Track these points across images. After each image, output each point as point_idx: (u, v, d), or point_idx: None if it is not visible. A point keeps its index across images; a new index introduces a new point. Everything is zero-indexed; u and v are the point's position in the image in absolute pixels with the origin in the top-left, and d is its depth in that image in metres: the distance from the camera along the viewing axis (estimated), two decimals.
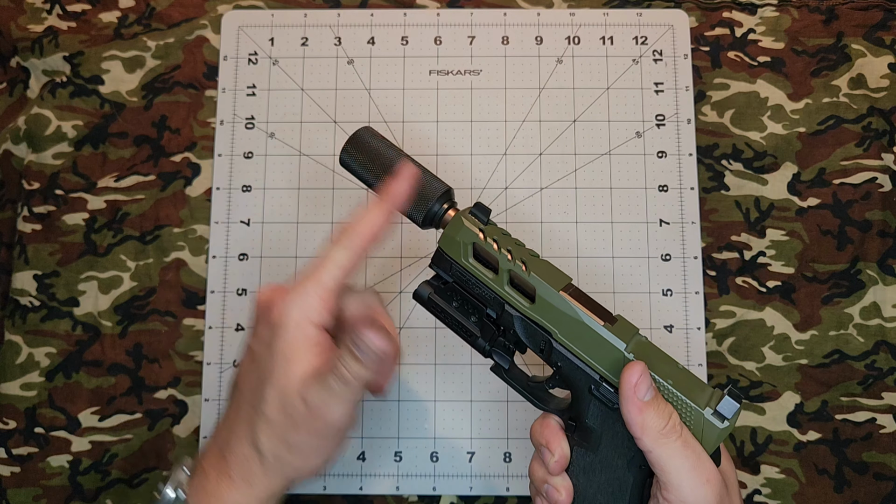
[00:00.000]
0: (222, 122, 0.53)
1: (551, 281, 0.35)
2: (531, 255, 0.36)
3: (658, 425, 0.33)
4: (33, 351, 0.50)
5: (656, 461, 0.33)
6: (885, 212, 0.51)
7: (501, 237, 0.36)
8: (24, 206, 0.52)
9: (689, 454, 0.33)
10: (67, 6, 0.55)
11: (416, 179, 0.37)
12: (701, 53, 0.54)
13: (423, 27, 0.54)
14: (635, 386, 0.33)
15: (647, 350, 0.35)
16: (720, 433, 0.34)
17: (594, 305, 0.35)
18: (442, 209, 0.37)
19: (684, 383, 0.34)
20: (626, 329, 0.35)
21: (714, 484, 0.33)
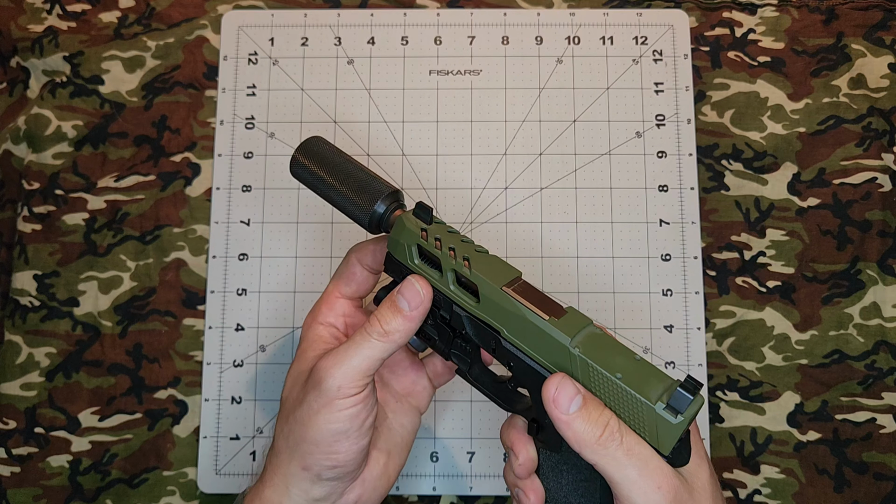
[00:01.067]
0: (222, 122, 0.53)
1: (494, 277, 0.34)
2: (477, 252, 0.35)
3: (592, 435, 0.31)
4: (33, 351, 0.50)
5: (603, 471, 0.32)
6: (885, 212, 0.51)
7: (446, 235, 0.35)
8: (24, 206, 0.52)
9: (634, 461, 0.31)
10: (67, 6, 0.55)
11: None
12: (701, 53, 0.54)
13: (423, 27, 0.54)
14: (553, 401, 0.32)
15: (598, 342, 0.33)
16: (674, 429, 0.31)
17: (541, 299, 0.34)
18: (388, 211, 0.37)
19: (636, 376, 0.32)
20: (573, 322, 0.33)
21: (667, 489, 0.31)
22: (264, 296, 0.51)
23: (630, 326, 0.50)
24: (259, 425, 0.49)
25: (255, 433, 0.49)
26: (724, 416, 0.49)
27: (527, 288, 0.34)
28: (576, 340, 0.33)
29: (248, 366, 0.50)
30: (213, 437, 0.49)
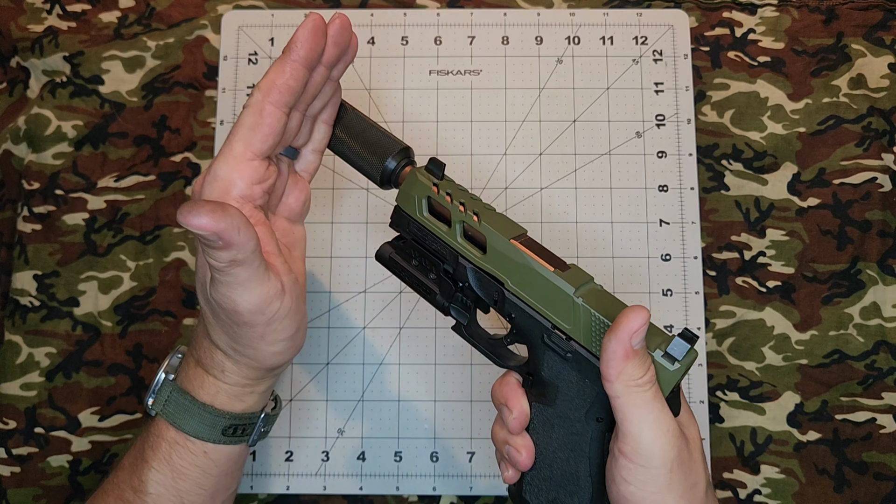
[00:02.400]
0: (222, 122, 0.53)
1: (503, 230, 0.35)
2: (486, 208, 0.36)
3: (636, 374, 0.32)
4: (33, 351, 0.50)
5: (621, 408, 0.32)
6: (885, 212, 0.51)
7: (456, 191, 0.36)
8: (24, 206, 0.52)
9: (656, 406, 0.32)
10: (67, 6, 0.55)
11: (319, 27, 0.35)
12: (701, 53, 0.54)
13: (423, 27, 0.54)
14: (635, 332, 0.32)
15: (599, 296, 0.34)
16: (671, 376, 0.32)
17: (546, 254, 0.35)
18: (399, 166, 0.38)
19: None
20: (577, 276, 0.34)
21: (672, 436, 0.32)
22: None
23: None
24: None
25: None
26: (724, 416, 0.49)
27: (533, 243, 0.36)
28: (579, 291, 0.34)
29: None
30: None
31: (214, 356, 0.36)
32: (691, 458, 0.34)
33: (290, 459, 0.49)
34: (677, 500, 0.33)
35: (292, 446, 0.49)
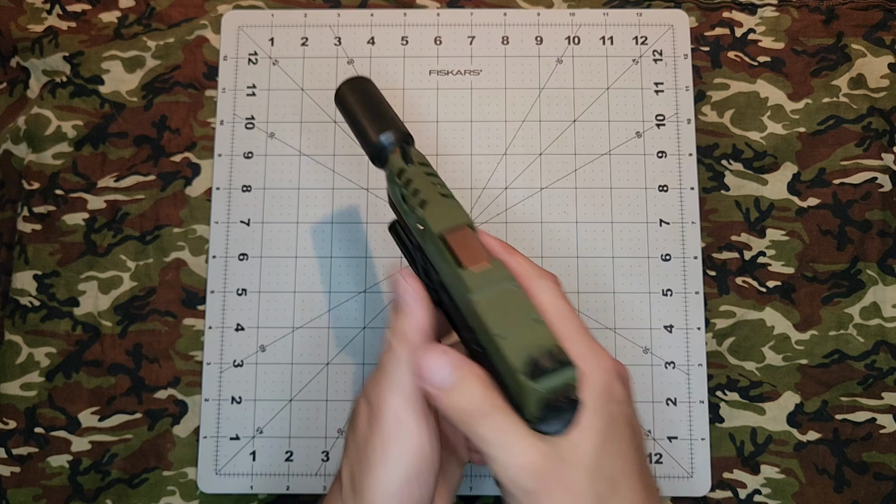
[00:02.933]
0: (222, 122, 0.53)
1: (438, 221, 0.35)
2: (441, 196, 0.36)
3: (461, 413, 0.31)
4: (33, 351, 0.50)
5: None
6: (886, 212, 0.51)
7: (419, 177, 0.37)
8: (24, 206, 0.52)
9: (500, 438, 0.30)
10: (67, 6, 0.55)
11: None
12: (701, 53, 0.54)
13: (423, 27, 0.54)
14: (421, 375, 0.31)
15: (505, 298, 0.32)
16: (530, 394, 0.30)
17: (471, 248, 0.34)
18: (390, 146, 0.39)
19: (519, 337, 0.31)
20: (491, 276, 0.33)
21: (526, 464, 0.29)
22: (264, 296, 0.51)
23: (630, 326, 0.50)
24: (259, 425, 0.49)
25: (255, 433, 0.49)
26: (724, 416, 0.49)
27: (465, 236, 0.34)
28: (480, 293, 0.32)
29: (248, 366, 0.50)
30: (213, 437, 0.49)
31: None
32: (565, 479, 0.30)
33: (290, 459, 0.49)
34: None
35: (292, 446, 0.49)
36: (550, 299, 0.34)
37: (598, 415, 0.31)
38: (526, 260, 0.36)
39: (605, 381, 0.31)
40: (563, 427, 0.30)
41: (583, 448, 0.30)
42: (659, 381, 0.49)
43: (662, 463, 0.48)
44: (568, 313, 0.33)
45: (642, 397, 0.49)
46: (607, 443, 0.31)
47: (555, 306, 0.33)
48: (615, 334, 0.50)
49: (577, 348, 0.32)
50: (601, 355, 0.32)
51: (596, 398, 0.31)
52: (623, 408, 0.32)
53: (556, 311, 0.33)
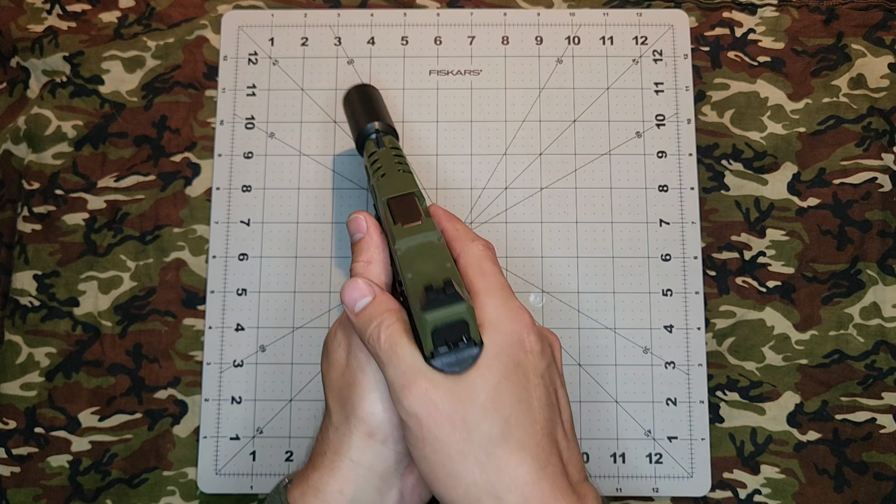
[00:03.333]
0: (222, 122, 0.53)
1: (388, 190, 0.39)
2: (398, 171, 0.40)
3: (362, 332, 0.33)
4: (33, 351, 0.50)
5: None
6: (886, 212, 0.51)
7: (385, 158, 0.42)
8: (24, 206, 0.52)
9: (395, 362, 0.32)
10: (67, 6, 0.55)
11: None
12: (701, 53, 0.54)
13: (423, 27, 0.54)
14: (342, 297, 0.34)
15: (425, 249, 0.35)
16: (424, 326, 0.32)
17: (407, 208, 0.37)
18: (373, 134, 0.44)
19: (427, 279, 0.33)
20: (417, 230, 0.36)
21: (417, 393, 0.31)
22: (264, 296, 0.51)
23: (630, 326, 0.50)
24: (259, 425, 0.49)
25: (255, 433, 0.49)
26: (724, 416, 0.49)
27: (407, 201, 0.38)
28: (404, 243, 0.35)
29: (248, 366, 0.50)
30: (213, 437, 0.49)
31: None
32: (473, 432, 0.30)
33: (290, 459, 0.49)
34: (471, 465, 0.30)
35: (292, 446, 0.49)
36: (476, 259, 0.36)
37: (499, 359, 0.32)
38: (465, 227, 0.39)
39: (514, 331, 0.33)
40: (461, 368, 0.32)
41: (478, 386, 0.31)
42: (659, 381, 0.49)
43: (662, 463, 0.48)
44: (491, 271, 0.35)
45: (642, 397, 0.49)
46: (506, 386, 0.31)
47: (479, 265, 0.35)
48: (615, 334, 0.50)
49: (492, 300, 0.34)
50: (517, 310, 0.34)
51: (501, 344, 0.32)
52: (535, 361, 0.33)
53: (479, 268, 0.35)
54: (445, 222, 0.39)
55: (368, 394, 0.34)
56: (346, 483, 0.34)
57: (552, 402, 0.33)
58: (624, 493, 0.48)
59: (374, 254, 0.38)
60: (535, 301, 0.50)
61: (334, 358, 0.37)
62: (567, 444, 0.33)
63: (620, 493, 0.48)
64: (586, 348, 0.50)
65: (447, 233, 0.38)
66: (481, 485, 0.30)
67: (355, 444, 0.34)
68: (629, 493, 0.48)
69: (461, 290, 0.33)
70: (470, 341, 0.32)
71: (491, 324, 0.33)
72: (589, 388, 0.49)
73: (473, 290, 0.34)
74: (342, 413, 0.35)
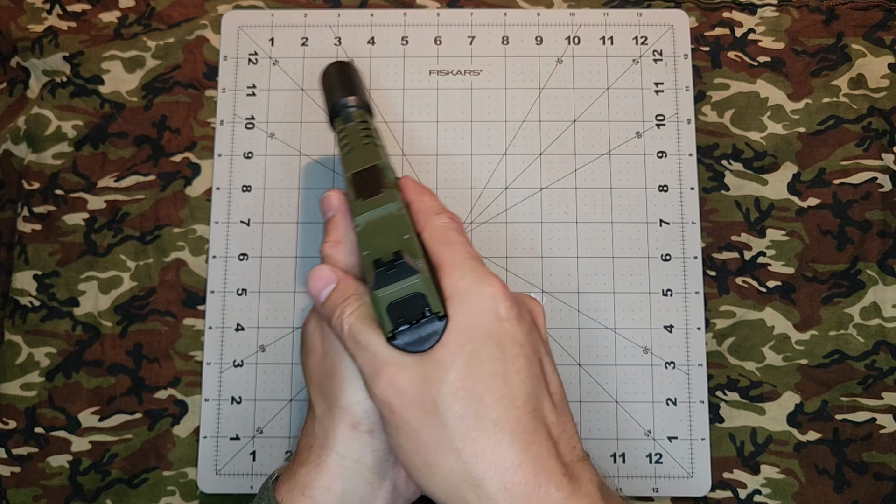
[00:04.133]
0: (222, 122, 0.53)
1: (352, 165, 0.38)
2: (363, 145, 0.39)
3: (329, 318, 0.32)
4: (33, 351, 0.50)
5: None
6: (886, 212, 0.51)
7: (352, 132, 0.41)
8: (24, 206, 0.52)
9: (360, 350, 0.30)
10: (67, 6, 0.55)
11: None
12: (701, 53, 0.54)
13: (423, 27, 0.54)
14: (307, 286, 0.34)
15: (385, 222, 0.33)
16: (378, 302, 0.30)
17: (369, 181, 0.36)
18: (346, 108, 0.43)
19: (383, 253, 0.31)
20: (376, 203, 0.34)
21: (385, 378, 0.29)
22: (264, 296, 0.51)
23: (630, 326, 0.50)
24: (259, 425, 0.49)
25: (255, 433, 0.49)
26: (724, 416, 0.49)
27: (371, 173, 0.37)
28: (363, 218, 0.34)
29: (248, 366, 0.50)
30: (213, 437, 0.49)
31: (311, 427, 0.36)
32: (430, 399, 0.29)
33: (291, 459, 0.49)
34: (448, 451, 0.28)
35: (292, 446, 0.49)
36: (442, 230, 0.34)
37: (468, 332, 0.29)
38: (434, 199, 0.36)
39: (484, 299, 0.30)
40: (426, 345, 0.30)
41: (446, 364, 0.29)
42: (659, 381, 0.49)
43: (662, 463, 0.48)
44: (456, 240, 0.33)
45: (642, 397, 0.49)
46: (478, 360, 0.29)
47: (444, 235, 0.33)
48: (615, 334, 0.50)
49: (458, 270, 0.31)
50: (485, 278, 0.31)
51: (470, 315, 0.30)
52: (511, 329, 0.30)
53: (445, 239, 0.33)
54: (413, 195, 0.36)
55: (349, 383, 0.33)
56: (333, 478, 0.32)
57: (535, 374, 0.30)
58: (624, 493, 0.48)
59: (342, 233, 0.36)
60: None
61: (310, 347, 0.35)
62: (557, 419, 0.30)
63: (620, 494, 0.48)
64: (586, 348, 0.50)
65: (414, 206, 0.35)
66: (458, 472, 0.28)
67: (340, 437, 0.33)
68: (629, 493, 0.48)
69: (414, 261, 0.30)
70: (432, 315, 0.30)
71: (457, 294, 0.30)
72: (589, 388, 0.49)
73: (438, 262, 0.32)
74: (325, 404, 0.34)
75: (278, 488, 0.34)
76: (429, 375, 0.29)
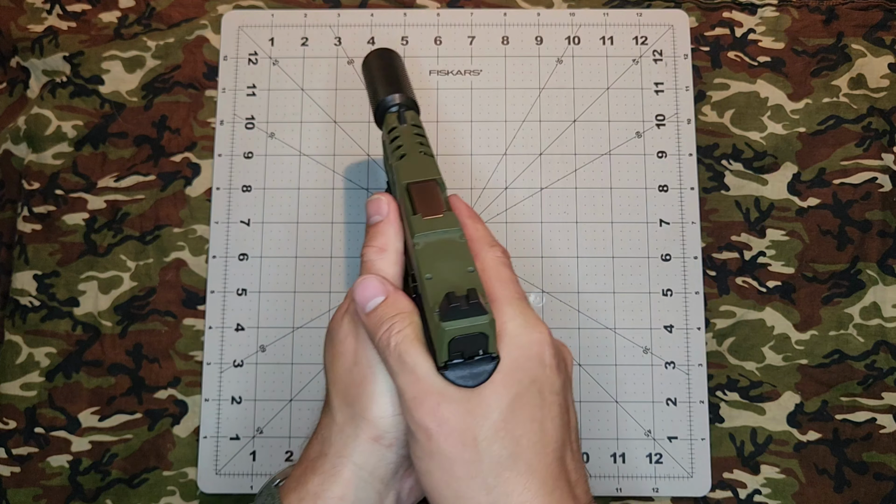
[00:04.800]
0: (222, 122, 0.53)
1: (408, 174, 0.36)
2: (420, 153, 0.38)
3: (373, 334, 0.32)
4: (33, 351, 0.50)
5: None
6: (885, 212, 0.51)
7: (406, 135, 0.39)
8: (24, 206, 0.52)
9: (404, 370, 0.30)
10: (67, 6, 0.55)
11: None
12: (701, 53, 0.54)
13: (423, 27, 0.54)
14: (354, 294, 0.33)
15: (446, 246, 0.33)
16: (441, 336, 0.29)
17: (429, 198, 0.35)
18: (392, 106, 0.41)
19: (447, 283, 0.31)
20: (439, 224, 0.33)
21: (427, 404, 0.29)
22: (264, 296, 0.51)
23: (630, 326, 0.50)
24: (259, 425, 0.49)
25: (255, 433, 0.49)
26: (724, 416, 0.49)
27: (429, 188, 0.36)
28: (424, 237, 0.33)
29: (248, 366, 0.50)
30: (213, 437, 0.49)
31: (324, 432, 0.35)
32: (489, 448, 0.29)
33: (290, 459, 0.49)
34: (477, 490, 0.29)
35: (292, 446, 0.49)
36: (495, 264, 0.34)
37: (515, 375, 0.30)
38: (485, 228, 0.36)
39: (532, 345, 0.31)
40: (475, 381, 0.30)
41: (491, 403, 0.29)
42: (659, 381, 0.49)
43: (662, 463, 0.48)
44: (509, 279, 0.33)
45: (642, 397, 0.49)
46: (521, 405, 0.30)
47: (497, 271, 0.34)
48: (615, 334, 0.50)
49: (510, 310, 0.32)
50: (535, 323, 0.32)
51: (518, 358, 0.30)
52: (551, 377, 0.31)
53: (498, 276, 0.33)
54: (466, 219, 0.36)
55: (379, 396, 0.32)
56: (347, 488, 0.32)
57: (565, 423, 0.31)
58: (624, 494, 0.48)
59: (390, 241, 0.35)
60: (535, 301, 0.50)
61: (341, 350, 0.34)
62: (575, 466, 0.32)
63: (620, 493, 0.48)
64: (586, 348, 0.50)
65: (465, 231, 0.35)
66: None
67: (360, 448, 0.33)
68: (629, 494, 0.48)
69: (484, 300, 0.30)
70: (486, 355, 0.30)
71: (508, 336, 0.31)
72: (589, 388, 0.49)
73: (491, 298, 0.32)
74: (348, 412, 0.33)
75: (286, 496, 0.33)
76: (473, 410, 0.29)
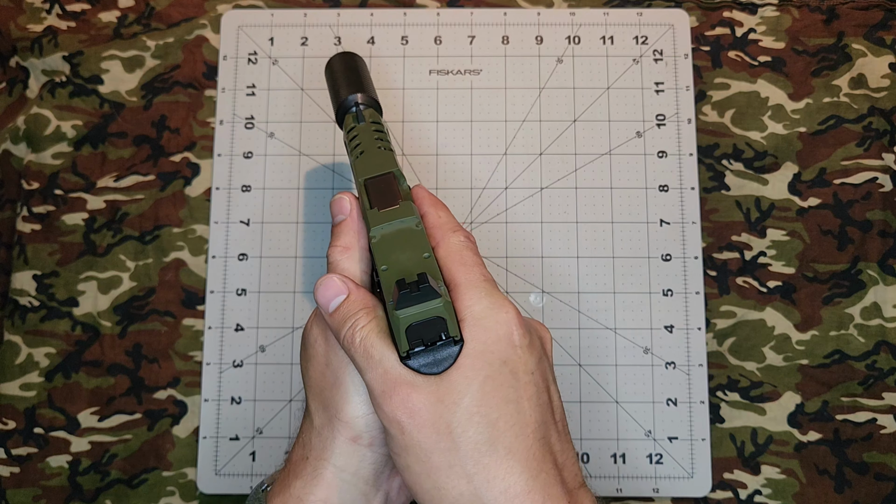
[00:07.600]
0: (222, 121, 0.53)
1: (365, 170, 0.36)
2: (378, 149, 0.38)
3: (337, 332, 0.31)
4: (33, 351, 0.50)
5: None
6: (886, 212, 0.51)
7: (363, 133, 0.39)
8: (24, 206, 0.52)
9: (370, 364, 0.30)
10: (67, 6, 0.55)
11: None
12: (701, 53, 0.54)
13: (423, 27, 0.54)
14: (315, 295, 0.32)
15: (402, 236, 0.33)
16: (397, 323, 0.29)
17: (385, 191, 0.35)
18: (353, 106, 0.41)
19: (403, 271, 0.31)
20: (394, 214, 0.33)
21: (394, 395, 0.29)
22: (264, 296, 0.51)
23: (630, 326, 0.50)
24: (259, 426, 0.49)
25: (255, 433, 0.49)
26: (724, 417, 0.49)
27: (385, 181, 0.35)
28: (380, 230, 0.33)
29: (248, 366, 0.50)
30: (213, 437, 0.49)
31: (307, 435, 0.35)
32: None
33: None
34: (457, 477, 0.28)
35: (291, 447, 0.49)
36: (458, 248, 0.33)
37: (483, 357, 0.29)
38: (448, 214, 0.35)
39: (498, 325, 0.30)
40: (440, 368, 0.29)
41: (461, 388, 0.29)
42: (659, 381, 0.49)
43: (663, 463, 0.48)
44: (473, 263, 0.33)
45: (643, 398, 0.49)
46: (492, 386, 0.29)
47: (460, 255, 0.33)
48: (615, 334, 0.50)
49: (474, 293, 0.31)
50: (501, 303, 0.31)
51: (484, 340, 0.30)
52: (523, 356, 0.30)
53: (462, 259, 0.33)
54: (428, 207, 0.35)
55: (352, 396, 0.32)
56: (330, 491, 0.32)
57: (544, 402, 0.31)
58: (624, 494, 0.48)
59: (352, 239, 0.35)
60: (535, 301, 0.50)
61: (312, 353, 0.34)
62: (561, 447, 0.31)
63: (621, 494, 0.48)
64: (586, 348, 0.50)
65: (427, 219, 0.35)
66: (468, 497, 0.28)
67: (339, 450, 0.32)
68: (629, 494, 0.48)
69: (437, 284, 0.30)
70: (448, 339, 0.30)
71: (473, 319, 0.30)
72: (589, 388, 0.49)
73: (454, 282, 0.32)
74: (325, 415, 0.33)
75: (272, 500, 0.33)
76: (443, 398, 0.29)
